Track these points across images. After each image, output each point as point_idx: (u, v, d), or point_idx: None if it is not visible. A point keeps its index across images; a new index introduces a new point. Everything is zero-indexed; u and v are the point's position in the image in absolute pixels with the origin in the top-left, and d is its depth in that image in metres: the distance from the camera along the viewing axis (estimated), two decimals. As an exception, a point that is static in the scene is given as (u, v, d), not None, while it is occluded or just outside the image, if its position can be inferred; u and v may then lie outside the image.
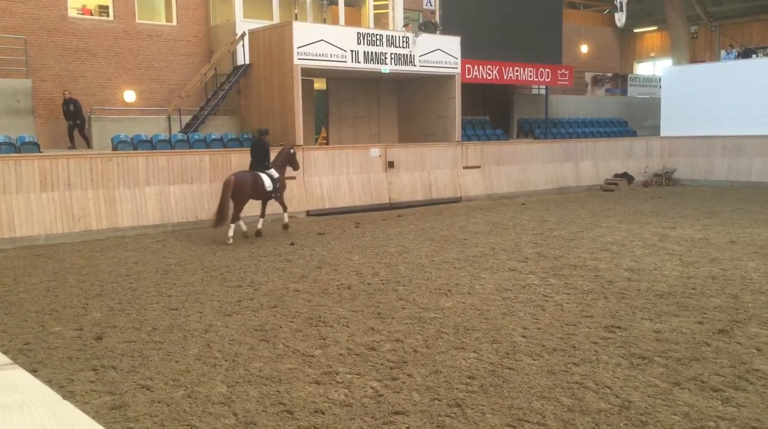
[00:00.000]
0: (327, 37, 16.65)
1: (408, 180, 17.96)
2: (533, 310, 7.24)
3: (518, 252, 10.77)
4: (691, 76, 24.93)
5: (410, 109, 20.90)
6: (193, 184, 14.51)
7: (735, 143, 22.68)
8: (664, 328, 6.51)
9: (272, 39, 16.84)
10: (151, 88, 18.99)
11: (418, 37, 18.27)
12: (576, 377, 5.27)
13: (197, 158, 14.66)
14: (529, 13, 22.93)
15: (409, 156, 18.12)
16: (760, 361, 5.55)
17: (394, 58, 17.83)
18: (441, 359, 5.75)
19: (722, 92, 23.06)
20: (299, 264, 10.14)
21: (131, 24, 18.59)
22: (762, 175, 21.93)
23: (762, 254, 10.11)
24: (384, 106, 21.13)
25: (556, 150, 21.76)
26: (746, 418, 4.48)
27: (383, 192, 17.40)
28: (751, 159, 22.37)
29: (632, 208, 16.45)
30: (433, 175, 18.48)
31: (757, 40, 31.46)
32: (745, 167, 22.44)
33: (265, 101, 17.25)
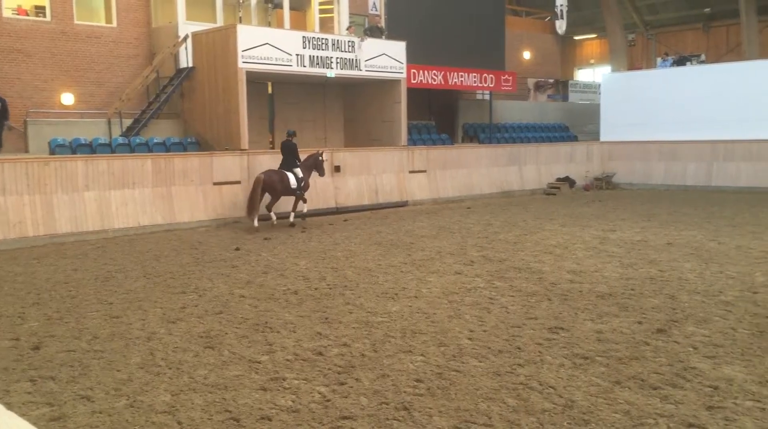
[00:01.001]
0: (272, 41, 16.54)
1: (354, 184, 17.96)
2: (479, 313, 7.32)
3: (464, 255, 10.88)
4: (629, 83, 25.64)
5: (356, 113, 20.93)
6: (135, 189, 14.21)
7: (670, 148, 23.42)
8: (605, 328, 6.66)
9: (216, 42, 16.64)
10: (90, 90, 18.52)
11: (364, 42, 18.31)
12: (521, 378, 5.35)
13: (139, 162, 14.36)
14: (473, 19, 23.26)
15: (356, 160, 18.13)
16: (696, 359, 5.73)
17: (340, 62, 17.83)
18: (388, 363, 5.76)
19: (658, 99, 23.79)
20: (245, 269, 10.03)
21: (69, 25, 18.10)
22: (696, 179, 22.69)
23: (697, 256, 10.46)
24: (330, 110, 21.10)
25: (501, 154, 22.08)
26: (684, 414, 4.62)
27: (329, 196, 17.35)
28: (685, 163, 23.13)
29: (574, 212, 16.81)
30: (380, 180, 18.53)
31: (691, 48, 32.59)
32: (680, 171, 23.18)
33: (210, 105, 17.03)
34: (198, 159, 15.31)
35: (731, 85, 22.40)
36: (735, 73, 23.00)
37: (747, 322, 6.76)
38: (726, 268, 9.43)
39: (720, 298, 7.76)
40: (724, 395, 4.93)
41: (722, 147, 22.39)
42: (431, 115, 24.97)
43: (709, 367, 5.50)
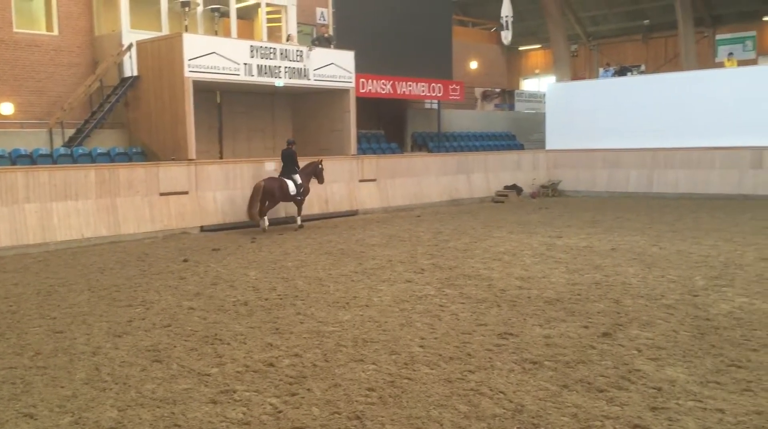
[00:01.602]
0: (219, 50, 16.40)
1: (304, 194, 17.86)
2: (430, 321, 7.37)
3: (414, 263, 10.94)
4: (573, 93, 26.23)
5: (305, 122, 20.88)
6: (78, 201, 13.87)
7: (613, 156, 24.02)
8: (553, 333, 6.79)
9: (162, 51, 16.41)
10: (29, 100, 18.02)
11: (312, 51, 18.31)
12: (472, 384, 5.40)
13: (82, 173, 14.03)
14: (421, 29, 23.50)
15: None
16: (640, 361, 5.88)
17: (288, 71, 17.78)
18: (340, 372, 5.75)
19: (601, 108, 24.39)
20: (193, 281, 9.88)
21: (8, 33, 17.59)
22: (638, 186, 23.32)
23: (640, 261, 10.74)
24: (279, 120, 21.00)
25: (449, 163, 22.30)
26: (629, 416, 4.74)
27: (279, 206, 17.23)
28: (628, 171, 23.74)
29: (522, 219, 17.08)
30: (329, 189, 18.49)
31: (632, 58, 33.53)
32: (623, 179, 23.79)
33: (156, 114, 16.77)
34: (144, 169, 15.05)
35: (670, 94, 23.11)
36: (673, 83, 23.74)
37: (688, 325, 6.98)
38: (667, 273, 9.71)
39: (662, 302, 7.99)
40: (667, 396, 5.07)
41: (662, 155, 23.07)
42: (380, 124, 25.09)
43: (653, 369, 5.65)
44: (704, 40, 31.65)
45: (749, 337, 6.50)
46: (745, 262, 10.40)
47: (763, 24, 30.68)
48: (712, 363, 5.78)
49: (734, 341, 6.38)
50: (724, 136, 21.62)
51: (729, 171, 21.82)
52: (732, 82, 22.40)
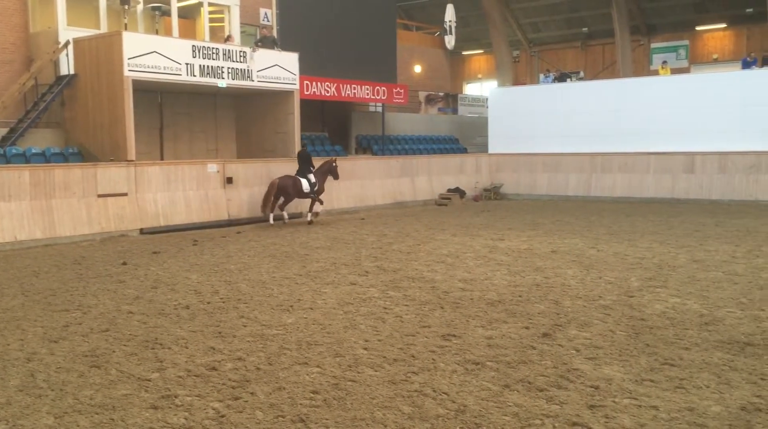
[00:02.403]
0: (160, 49, 16.11)
1: (247, 196, 17.72)
2: (374, 323, 7.40)
3: (359, 266, 10.96)
4: (515, 98, 26.71)
5: (249, 124, 20.68)
6: (11, 202, 13.43)
7: (554, 160, 24.56)
8: (495, 334, 6.90)
9: (100, 49, 16.01)
10: (-40, 97, 17.34)
11: (256, 52, 18.16)
12: (415, 385, 5.45)
13: (15, 174, 13.60)
14: (366, 33, 23.56)
15: (249, 171, 17.91)
16: (578, 360, 6.03)
17: (231, 72, 17.58)
18: (284, 375, 5.73)
19: (542, 113, 24.92)
20: (133, 284, 9.68)
21: (-63, 27, 16.92)
22: (577, 190, 23.90)
23: (579, 262, 11.01)
24: (222, 121, 20.74)
25: (394, 166, 22.42)
26: (568, 414, 4.85)
27: (222, 208, 17.05)
28: (567, 175, 24.31)
29: (464, 222, 17.29)
30: (273, 191, 18.36)
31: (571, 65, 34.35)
32: (562, 182, 24.34)
33: (93, 114, 16.35)
34: (81, 170, 14.67)
35: (608, 100, 23.79)
36: (611, 89, 24.45)
37: (624, 325, 7.18)
38: (605, 274, 9.98)
39: (599, 303, 8.20)
40: (604, 394, 5.21)
41: (600, 159, 23.71)
42: (325, 126, 25.04)
43: (591, 368, 5.81)
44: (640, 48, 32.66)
45: (681, 336, 6.73)
46: (677, 263, 10.76)
47: (696, 33, 31.84)
48: (647, 362, 5.97)
49: (667, 340, 6.60)
50: (658, 141, 22.36)
51: (663, 175, 22.56)
52: (666, 89, 23.18)
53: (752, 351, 6.22)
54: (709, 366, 5.81)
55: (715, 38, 31.73)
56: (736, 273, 9.91)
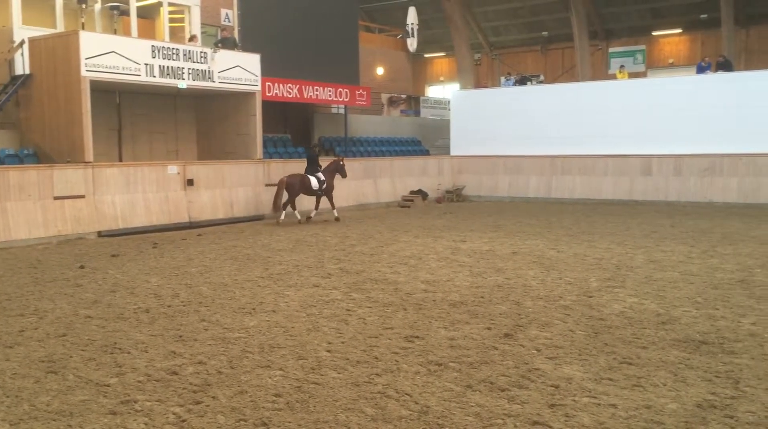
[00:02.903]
0: (118, 49, 15.85)
1: (208, 198, 17.55)
2: (337, 325, 7.39)
3: (321, 268, 10.94)
4: (476, 100, 26.94)
5: (210, 125, 20.47)
6: (-37, 205, 13.07)
7: (515, 162, 24.83)
8: (457, 335, 6.94)
9: (57, 48, 15.69)
10: None
11: (217, 53, 17.99)
12: (378, 387, 5.46)
13: (-32, 176, 13.24)
14: (328, 34, 23.51)
15: (210, 173, 17.73)
16: (539, 360, 6.11)
17: (192, 73, 17.39)
18: (246, 379, 5.68)
19: (503, 116, 25.16)
20: (91, 288, 9.50)
21: None
22: (538, 192, 24.20)
23: (539, 263, 11.14)
24: (182, 122, 20.49)
25: (356, 168, 22.39)
26: (529, 413, 4.91)
27: (182, 211, 16.85)
28: (528, 177, 24.59)
29: (427, 224, 17.37)
30: (235, 193, 18.22)
31: (531, 68, 34.79)
32: (523, 184, 24.62)
33: (50, 114, 16.00)
34: (36, 172, 14.35)
35: (567, 104, 24.13)
36: (570, 92, 24.81)
37: (583, 325, 7.30)
38: (565, 275, 10.12)
39: (560, 303, 8.32)
40: (564, 393, 5.29)
41: (560, 161, 24.04)
42: (287, 128, 24.94)
43: (551, 368, 5.88)
44: (598, 52, 33.22)
45: (639, 335, 6.86)
46: (635, 264, 10.97)
47: (653, 38, 32.51)
48: (606, 361, 6.07)
49: (626, 339, 6.72)
50: (616, 144, 22.75)
51: (621, 178, 22.97)
52: (623, 93, 23.62)
53: (707, 349, 6.37)
54: (666, 364, 5.94)
55: (671, 43, 32.44)
56: (692, 273, 10.14)
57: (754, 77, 22.38)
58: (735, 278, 9.69)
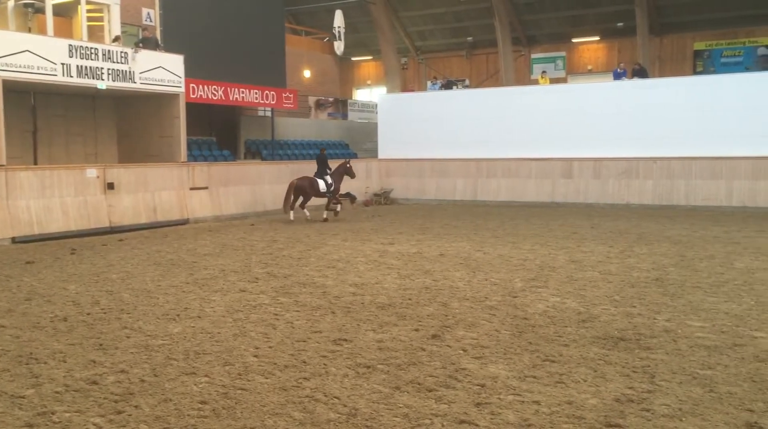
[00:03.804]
0: (33, 48, 15.24)
1: (130, 202, 17.06)
2: (265, 330, 7.31)
3: (248, 273, 10.80)
4: (404, 104, 27.17)
5: (132, 127, 19.92)
6: None
7: (442, 166, 25.15)
8: (386, 337, 6.98)
9: (-34, 46, 14.96)
10: None
11: (138, 53, 17.53)
12: (307, 391, 5.43)
13: None
14: (253, 36, 23.26)
15: (131, 177, 17.25)
16: (466, 360, 6.20)
17: (111, 73, 16.88)
18: (170, 387, 5.55)
19: (430, 119, 25.45)
20: (4, 297, 9.09)
21: None
22: (464, 194, 24.59)
23: (466, 265, 11.32)
24: (102, 124, 19.87)
25: (284, 171, 22.23)
26: (456, 412, 4.98)
27: (102, 215, 16.33)
28: (455, 180, 24.95)
29: (355, 227, 17.40)
30: (158, 197, 17.78)
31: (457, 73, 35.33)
32: (450, 187, 24.97)
33: (-42, 115, 15.23)
34: (-56, 175, 13.65)
35: (492, 108, 24.61)
36: (495, 97, 25.35)
37: (508, 324, 7.45)
38: (490, 276, 10.31)
39: (486, 304, 8.47)
40: (490, 392, 5.39)
41: (485, 165, 24.49)
42: (212, 130, 24.52)
43: (477, 367, 5.98)
44: (521, 58, 34.02)
45: (561, 333, 7.06)
46: (557, 264, 11.28)
47: (572, 45, 33.52)
48: (530, 359, 6.22)
49: (548, 338, 6.90)
50: (539, 148, 23.36)
51: (543, 180, 23.58)
52: (545, 98, 24.27)
53: (625, 345, 6.60)
54: (586, 361, 6.13)
55: (589, 50, 33.53)
56: (610, 272, 10.50)
57: (667, 84, 23.42)
58: (650, 277, 10.09)
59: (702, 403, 5.08)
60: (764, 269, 10.58)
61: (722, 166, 20.98)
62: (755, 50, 29.55)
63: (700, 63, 30.73)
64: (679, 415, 4.88)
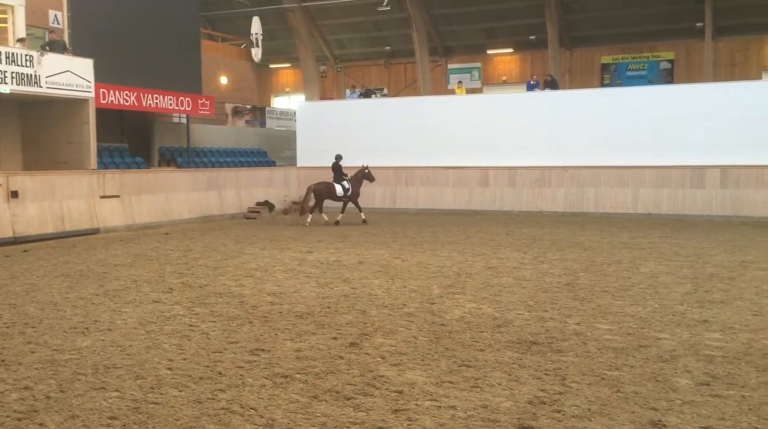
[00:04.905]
0: (-71, 48, 14.43)
1: (36, 211, 16.32)
2: (179, 341, 7.13)
3: (162, 283, 10.51)
4: (322, 112, 27.13)
5: (38, 133, 19.09)
6: None
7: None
8: (304, 346, 6.93)
9: None
10: None
11: (44, 57, 16.83)
12: (222, 403, 5.32)
13: None
14: (168, 41, 22.73)
15: (37, 184, 16.51)
16: (384, 367, 6.23)
17: (15, 77, 16.15)
18: (78, 403, 5.33)
19: (349, 127, 25.50)
20: None
21: None
22: (383, 202, 24.73)
23: (384, 272, 11.38)
24: (5, 130, 18.95)
25: (200, 179, 21.80)
26: (373, 420, 4.99)
27: (5, 225, 15.55)
28: (374, 188, 24.96)
29: (274, 235, 17.22)
30: (66, 206, 17.09)
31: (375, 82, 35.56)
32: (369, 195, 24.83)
33: None
34: None
35: (410, 116, 24.90)
36: (412, 106, 25.66)
37: (426, 331, 7.53)
38: (408, 283, 10.41)
39: (404, 310, 8.53)
40: (407, 398, 5.43)
41: (404, 173, 24.72)
42: (124, 137, 23.78)
43: (395, 374, 6.02)
44: (438, 68, 34.57)
45: (477, 338, 7.19)
46: (474, 271, 11.50)
47: (488, 57, 34.32)
48: (446, 364, 6.30)
49: (465, 343, 7.02)
50: (456, 156, 23.78)
51: (461, 188, 24.01)
52: (462, 107, 24.76)
53: (538, 349, 6.79)
54: (501, 365, 6.26)
55: (504, 62, 34.42)
56: (525, 278, 10.78)
57: (576, 95, 24.34)
58: (562, 282, 10.42)
59: (609, 403, 5.28)
60: (667, 273, 11.10)
61: (628, 175, 21.92)
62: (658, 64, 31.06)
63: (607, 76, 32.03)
64: (588, 415, 5.05)
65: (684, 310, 8.41)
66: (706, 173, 21.06)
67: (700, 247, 14.16)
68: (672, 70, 30.71)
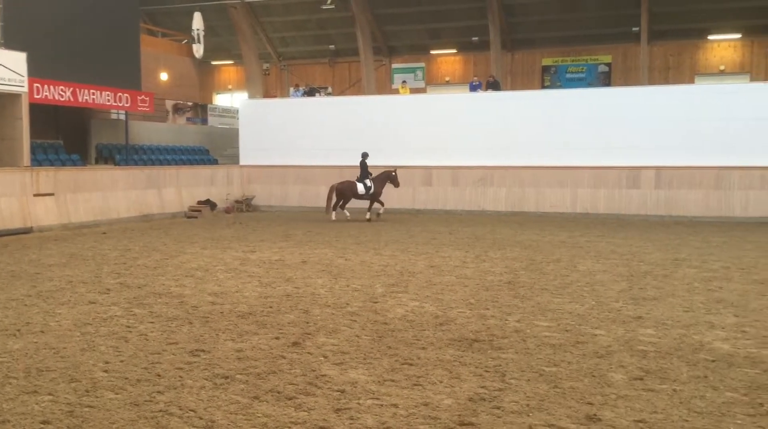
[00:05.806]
0: None
1: (-35, 209, 15.70)
2: (116, 343, 6.96)
3: (99, 283, 10.25)
4: (266, 110, 26.88)
5: (-34, 129, 18.37)
6: None
7: (306, 173, 25.09)
8: (245, 346, 6.86)
9: None
10: None
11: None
12: (160, 405, 5.23)
13: None
14: (106, 36, 22.15)
15: (-34, 182, 15.89)
16: (326, 367, 6.22)
17: (-57, 69, 15.50)
18: (9, 407, 5.16)
19: (293, 126, 25.35)
20: None
21: None
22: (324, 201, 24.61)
23: (328, 272, 11.35)
24: (-69, 125, 18.18)
25: (139, 177, 21.34)
26: (315, 419, 4.98)
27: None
28: (318, 187, 24.92)
29: (215, 234, 16.98)
30: (-2, 204, 16.49)
31: (320, 80, 35.39)
32: (313, 194, 24.92)
33: None
34: None
35: (354, 115, 24.88)
36: (357, 105, 25.65)
37: (369, 330, 7.55)
38: (352, 282, 10.41)
39: (347, 310, 8.53)
40: (349, 397, 5.43)
41: (348, 172, 24.56)
42: (59, 134, 23.08)
43: (337, 373, 6.01)
44: (382, 67, 34.63)
45: (419, 337, 7.24)
46: (417, 269, 11.57)
47: (431, 57, 34.55)
48: (389, 363, 6.33)
49: (407, 342, 7.06)
50: (400, 155, 23.82)
51: (404, 188, 24.01)
52: (405, 107, 24.87)
53: (479, 347, 6.88)
54: (443, 363, 6.32)
55: (447, 62, 34.71)
56: (466, 276, 10.91)
57: (517, 97, 24.73)
58: (503, 280, 10.59)
59: (547, 399, 5.39)
60: (604, 271, 11.40)
61: (567, 176, 22.39)
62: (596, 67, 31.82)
63: (547, 78, 32.62)
64: (527, 411, 5.14)
65: (619, 307, 8.65)
66: (642, 174, 21.69)
67: (636, 246, 14.57)
68: (610, 73, 31.48)
